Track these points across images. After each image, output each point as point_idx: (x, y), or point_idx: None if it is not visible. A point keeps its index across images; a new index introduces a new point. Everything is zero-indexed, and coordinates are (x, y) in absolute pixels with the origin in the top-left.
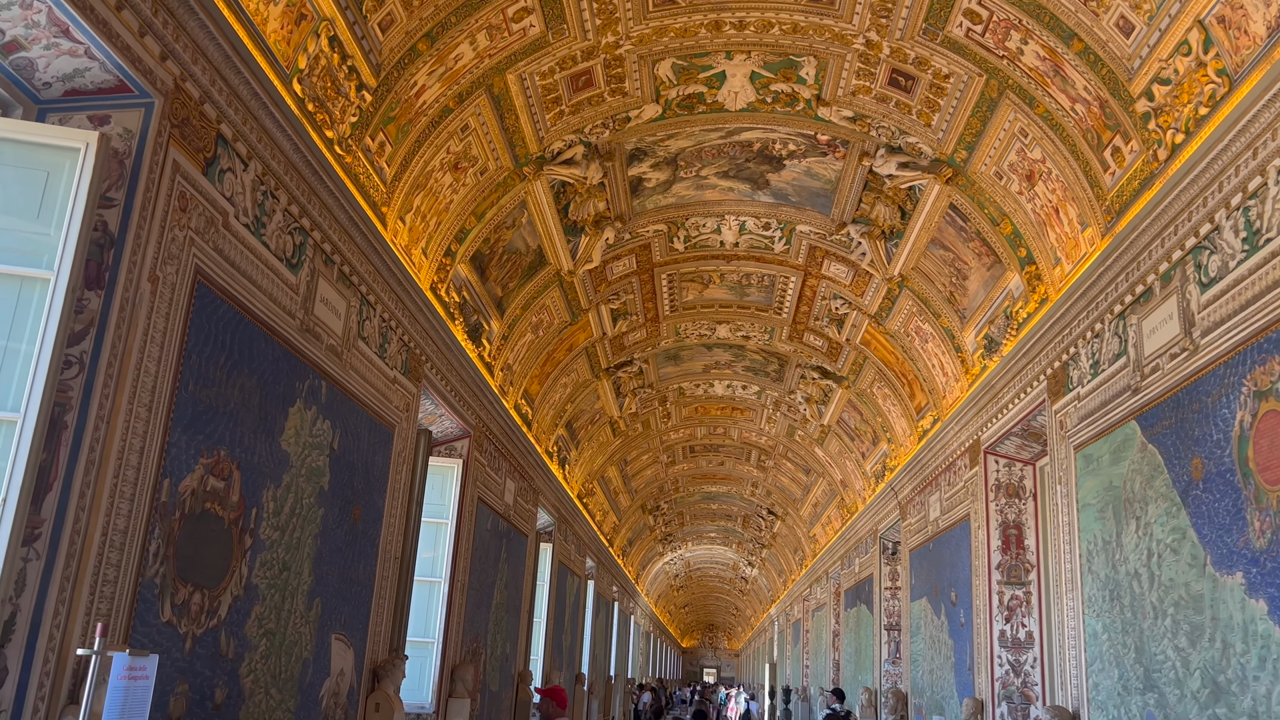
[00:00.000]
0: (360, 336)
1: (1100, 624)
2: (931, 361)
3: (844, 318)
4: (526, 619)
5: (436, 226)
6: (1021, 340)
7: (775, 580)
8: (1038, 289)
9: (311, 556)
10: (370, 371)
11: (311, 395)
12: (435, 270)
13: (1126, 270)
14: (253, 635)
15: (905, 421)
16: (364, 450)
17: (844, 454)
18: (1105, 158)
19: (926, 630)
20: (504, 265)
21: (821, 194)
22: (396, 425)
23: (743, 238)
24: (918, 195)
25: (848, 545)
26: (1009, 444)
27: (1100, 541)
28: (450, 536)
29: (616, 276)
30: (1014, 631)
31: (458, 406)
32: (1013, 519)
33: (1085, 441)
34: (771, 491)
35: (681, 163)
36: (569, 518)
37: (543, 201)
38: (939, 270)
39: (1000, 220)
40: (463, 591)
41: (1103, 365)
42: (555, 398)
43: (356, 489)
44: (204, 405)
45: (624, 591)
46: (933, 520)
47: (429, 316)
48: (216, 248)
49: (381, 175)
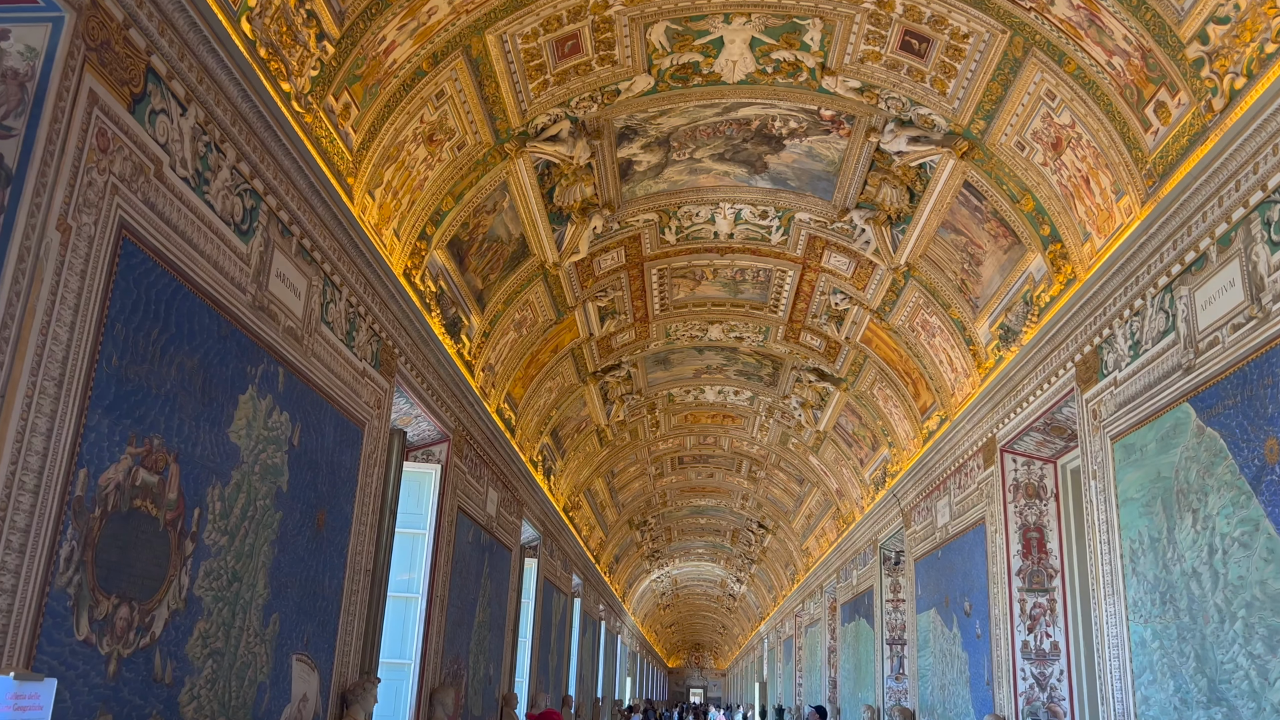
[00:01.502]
0: (324, 320)
1: (1149, 631)
2: (939, 357)
3: (844, 314)
4: (511, 638)
5: (410, 206)
6: (1045, 326)
7: (765, 597)
8: (1063, 269)
9: (267, 566)
10: (336, 361)
11: (266, 382)
12: (409, 255)
13: (1174, 237)
14: (196, 656)
15: (909, 424)
16: (329, 448)
17: (840, 461)
18: (1146, 115)
19: (936, 643)
20: (484, 254)
21: (823, 177)
22: (366, 423)
23: (738, 228)
24: (928, 174)
25: (844, 557)
26: (1028, 440)
27: (1147, 539)
28: (428, 548)
29: (604, 271)
30: (1038, 642)
31: (435, 407)
32: (1033, 521)
33: (1125, 431)
34: (762, 504)
35: (674, 144)
36: (555, 532)
37: (526, 183)
38: (949, 257)
39: (1021, 196)
40: (442, 608)
41: (1145, 345)
42: (540, 403)
43: (320, 492)
44: (132, 384)
45: (611, 610)
46: (941, 526)
47: (402, 305)
48: (148, 200)
49: (347, 141)
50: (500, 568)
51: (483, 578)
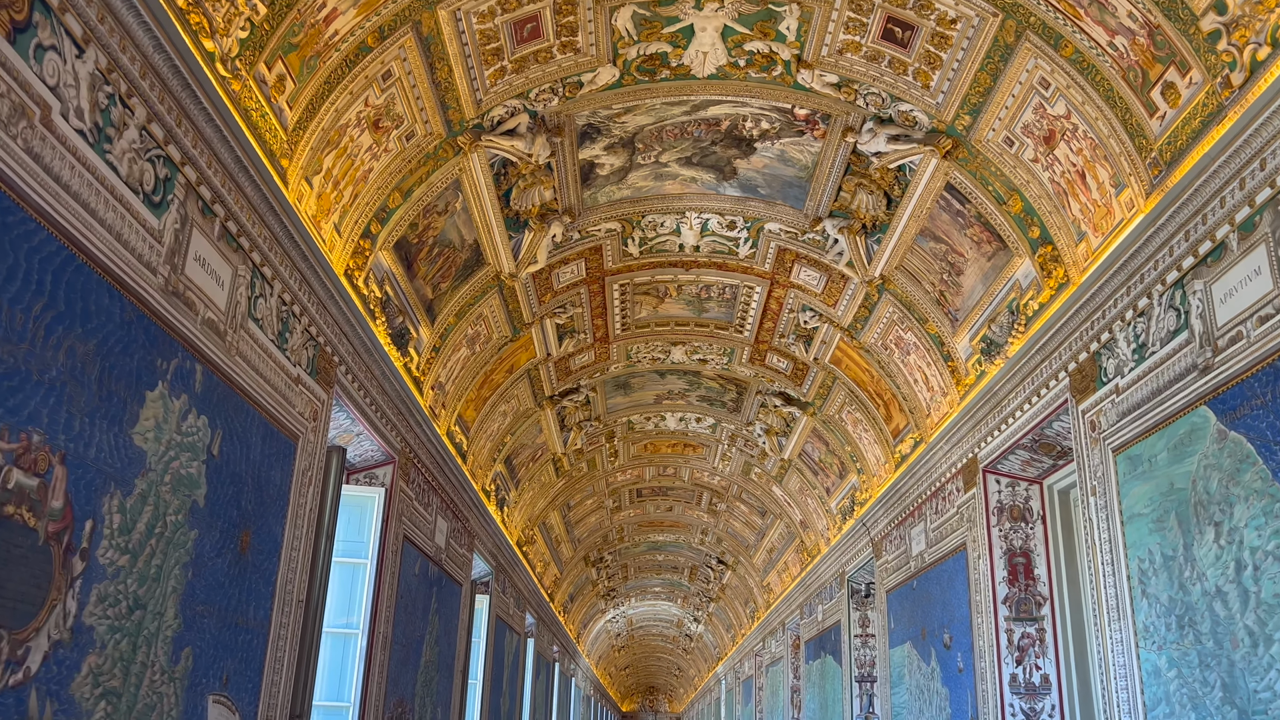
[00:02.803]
0: (252, 316)
1: (1164, 659)
2: (914, 376)
3: (813, 333)
4: (461, 680)
5: (353, 200)
6: (1034, 336)
7: (723, 636)
8: (1054, 273)
9: (179, 592)
10: (265, 364)
11: (181, 380)
12: (351, 254)
13: (1187, 227)
14: (85, 697)
15: (880, 448)
16: (255, 462)
17: (806, 491)
18: (1153, 98)
19: (912, 679)
20: (435, 261)
21: (795, 184)
22: (300, 436)
23: (704, 240)
24: (908, 177)
25: (808, 592)
26: (1013, 460)
27: (1159, 558)
28: (370, 579)
29: (563, 285)
30: (1026, 675)
31: (379, 424)
32: (1019, 545)
33: (1129, 441)
34: (723, 538)
35: (640, 145)
36: (508, 567)
37: (480, 182)
38: (928, 267)
39: (1008, 197)
40: (385, 646)
41: (1152, 347)
42: (493, 427)
43: (245, 510)
44: (3, 365)
45: (565, 651)
46: (916, 555)
47: (343, 308)
48: (30, 149)
49: (281, 117)
50: (449, 604)
51: (430, 614)
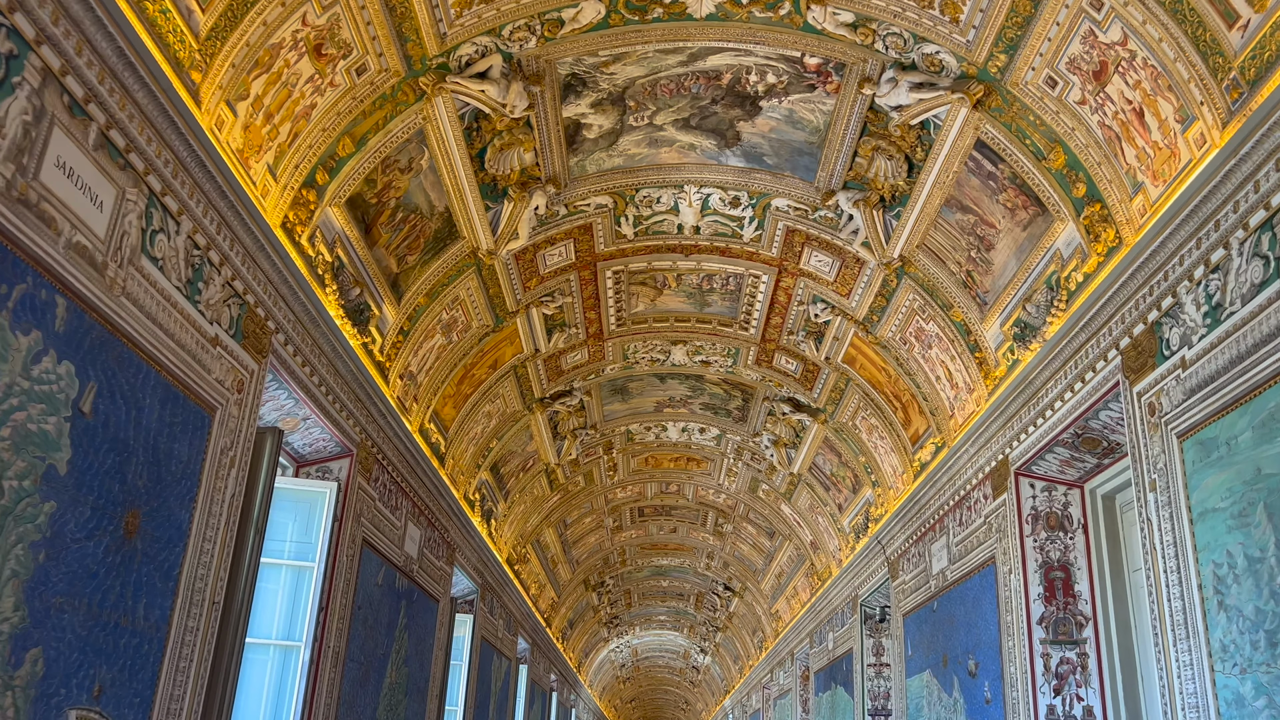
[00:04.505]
0: (147, 254)
1: (1249, 684)
2: (935, 372)
3: (824, 328)
4: (436, 705)
5: (292, 138)
6: (1077, 311)
7: (730, 668)
8: (1103, 235)
9: (22, 578)
10: (168, 314)
11: (32, 312)
12: (291, 204)
13: (1278, 154)
14: None
15: (897, 457)
16: (150, 429)
17: (816, 508)
18: (1232, 4)
19: (931, 711)
20: (399, 228)
21: (805, 151)
22: (220, 409)
23: (705, 219)
24: (932, 136)
25: (819, 619)
26: (1050, 460)
27: (1241, 561)
28: (315, 585)
29: (551, 270)
30: (1066, 706)
31: (332, 410)
32: (1057, 558)
33: (1200, 423)
34: (729, 563)
35: (631, 102)
36: (496, 586)
37: (449, 135)
38: (954, 243)
39: (1049, 150)
40: (336, 663)
41: (1231, 306)
42: (476, 430)
43: (133, 486)
44: None
45: (564, 681)
46: (936, 573)
47: (280, 266)
48: None
49: (190, 19)
50: (423, 621)
51: (397, 630)
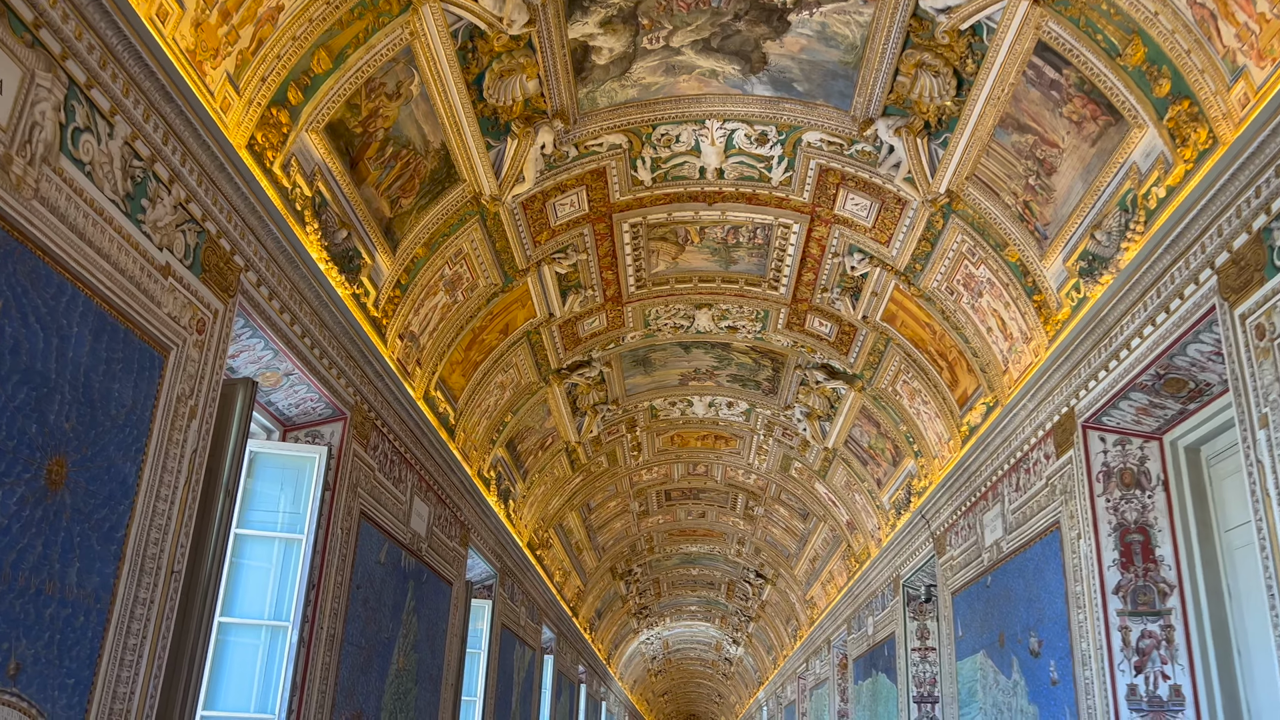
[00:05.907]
0: (69, 155)
1: None
2: (986, 323)
3: (861, 282)
4: (451, 695)
5: (256, 44)
6: (1159, 230)
7: (764, 659)
8: (1192, 138)
9: None
10: (99, 230)
11: None
12: (258, 123)
13: None
14: None
15: (942, 422)
16: (80, 363)
17: (853, 485)
18: None
19: (987, 696)
20: (390, 164)
21: (840, 73)
22: (175, 350)
23: (730, 161)
24: (985, 43)
25: (857, 603)
26: (1124, 409)
27: None
28: (304, 558)
29: (562, 222)
30: (1150, 686)
31: (319, 365)
32: (1134, 520)
33: None
34: (761, 548)
35: (644, 20)
36: (516, 571)
37: (440, 54)
38: (1009, 170)
39: (1125, 44)
40: (332, 646)
41: None
42: (489, 402)
43: (57, 429)
44: None
45: (593, 672)
46: (990, 545)
47: (247, 192)
48: None
49: None
50: (435, 605)
51: (405, 612)
